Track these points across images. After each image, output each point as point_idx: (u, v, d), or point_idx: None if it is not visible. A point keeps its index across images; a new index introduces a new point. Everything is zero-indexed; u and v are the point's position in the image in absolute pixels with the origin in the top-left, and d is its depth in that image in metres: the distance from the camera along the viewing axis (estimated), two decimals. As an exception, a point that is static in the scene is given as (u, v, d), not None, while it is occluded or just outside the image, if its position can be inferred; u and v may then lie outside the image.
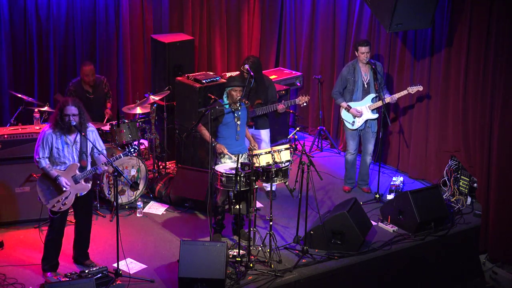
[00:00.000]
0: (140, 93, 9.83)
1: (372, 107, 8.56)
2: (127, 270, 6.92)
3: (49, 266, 6.87)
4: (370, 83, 8.56)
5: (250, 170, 6.99)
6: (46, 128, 6.71)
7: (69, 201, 6.73)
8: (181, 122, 9.01)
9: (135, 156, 8.31)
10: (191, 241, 6.87)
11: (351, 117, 8.62)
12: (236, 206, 7.19)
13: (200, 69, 10.28)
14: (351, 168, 8.88)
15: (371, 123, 8.64)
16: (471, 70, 8.29)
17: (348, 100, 8.63)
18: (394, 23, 7.99)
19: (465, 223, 8.15)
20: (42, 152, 6.65)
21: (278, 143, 9.17)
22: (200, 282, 6.54)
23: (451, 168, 8.68)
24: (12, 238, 7.60)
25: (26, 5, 9.09)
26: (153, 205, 8.50)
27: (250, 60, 8.20)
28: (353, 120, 8.61)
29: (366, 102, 8.58)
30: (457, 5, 8.36)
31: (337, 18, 10.11)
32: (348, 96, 8.64)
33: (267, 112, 8.32)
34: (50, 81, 9.46)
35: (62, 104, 6.64)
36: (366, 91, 8.58)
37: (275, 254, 7.18)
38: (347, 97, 8.64)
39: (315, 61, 10.54)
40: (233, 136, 7.42)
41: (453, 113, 8.61)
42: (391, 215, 8.05)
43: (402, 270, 7.69)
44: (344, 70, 8.67)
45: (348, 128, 8.70)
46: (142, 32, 10.05)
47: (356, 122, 8.61)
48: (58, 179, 6.63)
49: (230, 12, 10.68)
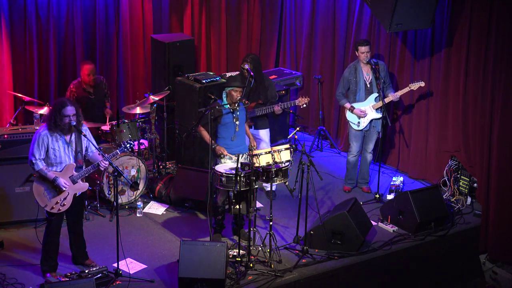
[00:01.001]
0: (140, 93, 9.83)
1: (375, 106, 8.55)
2: (127, 270, 6.92)
3: (48, 267, 6.86)
4: (372, 83, 8.55)
5: (250, 170, 7.00)
6: (41, 129, 6.62)
7: (68, 202, 6.72)
8: (181, 122, 9.01)
9: (135, 156, 8.32)
10: (191, 241, 6.87)
11: (356, 118, 8.61)
12: (236, 206, 7.19)
13: (200, 69, 10.29)
14: (352, 169, 8.88)
15: (376, 123, 8.63)
16: (471, 70, 8.29)
17: (351, 101, 8.63)
18: (394, 23, 7.99)
19: (465, 223, 8.15)
20: (38, 153, 6.57)
21: (278, 143, 9.17)
22: (200, 282, 6.54)
23: (451, 168, 8.68)
24: (12, 238, 7.59)
25: (26, 5, 9.09)
26: (153, 205, 8.50)
27: (250, 58, 8.19)
28: (358, 121, 8.60)
29: (370, 102, 8.58)
30: (457, 5, 8.36)
31: (337, 18, 10.11)
32: (351, 97, 8.64)
33: (265, 112, 8.32)
34: (50, 81, 9.46)
35: (60, 105, 6.56)
36: (369, 90, 8.58)
37: (275, 254, 7.18)
38: (350, 98, 8.64)
39: (315, 61, 10.54)
40: (230, 137, 7.41)
41: (453, 113, 8.61)
42: (391, 215, 8.05)
43: (402, 270, 7.68)
44: (346, 71, 8.68)
45: (353, 129, 8.69)
46: (142, 32, 10.05)
47: (361, 123, 8.61)
48: (57, 180, 6.59)
49: (230, 12, 10.68)
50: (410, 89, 8.58)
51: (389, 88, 8.64)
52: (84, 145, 6.75)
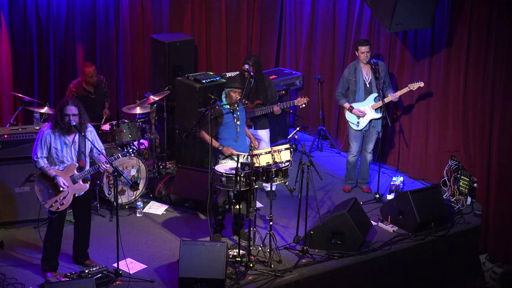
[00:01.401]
0: (140, 93, 9.82)
1: (375, 107, 8.55)
2: (127, 270, 6.92)
3: (49, 266, 6.87)
4: (372, 83, 8.56)
5: (250, 170, 7.00)
6: (45, 128, 6.71)
7: (67, 201, 6.73)
8: (181, 122, 9.01)
9: (135, 156, 8.32)
10: (191, 241, 6.88)
11: (355, 118, 8.61)
12: (236, 206, 7.19)
13: (200, 69, 10.29)
14: (352, 169, 8.89)
15: (375, 123, 8.63)
16: (471, 70, 8.29)
17: (351, 101, 8.63)
18: (394, 23, 7.99)
19: (465, 223, 8.15)
20: (40, 152, 6.65)
21: (278, 143, 9.17)
22: (200, 282, 6.54)
23: (451, 168, 8.68)
24: (12, 238, 7.60)
25: (26, 5, 9.09)
26: (153, 205, 8.50)
27: (251, 60, 8.20)
28: (358, 121, 8.60)
29: (369, 102, 8.58)
30: (457, 5, 8.36)
31: (337, 18, 10.10)
32: (351, 97, 8.64)
33: (265, 112, 8.32)
34: (50, 81, 9.46)
35: (62, 104, 6.64)
36: (368, 91, 8.58)
37: (275, 254, 7.18)
38: (350, 98, 8.65)
39: (315, 61, 10.54)
40: (233, 137, 7.42)
41: (453, 113, 8.61)
42: (391, 215, 8.05)
43: (402, 270, 7.68)
44: (346, 71, 8.68)
45: (353, 129, 8.69)
46: (142, 32, 10.05)
47: (361, 123, 8.61)
48: (56, 179, 6.63)
49: (229, 12, 10.68)
50: (410, 89, 8.58)
51: (389, 89, 8.64)
52: (88, 145, 6.77)
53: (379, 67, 8.52)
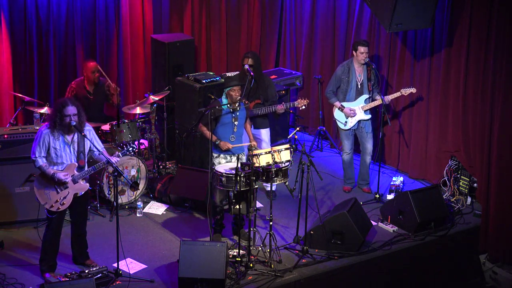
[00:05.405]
0: (140, 93, 9.83)
1: (365, 108, 8.58)
2: (127, 270, 6.93)
3: (47, 266, 6.86)
4: (363, 84, 8.58)
5: (250, 170, 6.99)
6: (43, 128, 6.69)
7: (68, 201, 6.72)
8: (181, 122, 9.01)
9: (135, 156, 8.32)
10: (191, 241, 6.88)
11: (343, 117, 8.63)
12: (236, 206, 7.19)
13: (200, 69, 10.29)
14: (349, 168, 8.89)
15: (364, 124, 8.65)
16: (471, 70, 8.29)
17: (341, 100, 8.64)
18: (394, 23, 7.99)
19: (465, 223, 8.15)
20: (38, 151, 6.64)
21: (278, 143, 9.17)
22: (200, 282, 6.54)
23: (451, 168, 8.69)
24: (12, 238, 7.60)
25: (26, 5, 9.09)
26: (153, 205, 8.50)
27: (250, 56, 8.20)
28: (346, 120, 8.62)
29: (359, 103, 8.60)
30: (457, 5, 8.36)
31: (337, 18, 10.10)
32: (341, 96, 8.65)
33: (266, 112, 8.32)
34: (50, 81, 9.46)
35: (61, 105, 6.62)
36: (359, 91, 8.60)
37: (275, 254, 7.18)
38: (340, 97, 8.66)
39: (315, 61, 10.54)
40: (228, 137, 7.41)
41: (453, 113, 8.61)
42: (391, 215, 8.05)
43: (402, 270, 7.68)
44: (339, 69, 8.68)
45: (341, 128, 8.71)
46: (142, 32, 10.05)
47: (348, 122, 8.62)
48: (56, 175, 6.61)
49: (229, 12, 10.68)
50: (401, 94, 8.61)
51: (377, 91, 8.66)
52: (87, 145, 6.76)
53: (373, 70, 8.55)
